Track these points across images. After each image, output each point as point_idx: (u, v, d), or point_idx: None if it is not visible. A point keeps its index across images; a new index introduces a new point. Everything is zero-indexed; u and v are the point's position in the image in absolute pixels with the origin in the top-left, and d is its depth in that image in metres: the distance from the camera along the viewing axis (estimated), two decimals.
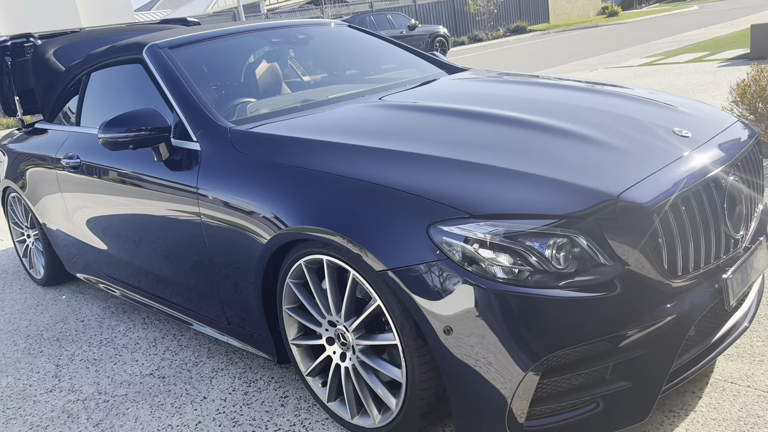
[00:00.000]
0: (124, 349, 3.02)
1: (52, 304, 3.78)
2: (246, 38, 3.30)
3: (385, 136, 2.11)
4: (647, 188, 1.74)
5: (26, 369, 2.97)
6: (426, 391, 1.82)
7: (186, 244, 2.50)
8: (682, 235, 1.76)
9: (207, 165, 2.35)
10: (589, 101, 2.37)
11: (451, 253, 1.65)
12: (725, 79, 8.04)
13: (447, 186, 1.76)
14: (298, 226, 1.96)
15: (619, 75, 9.90)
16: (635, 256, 1.67)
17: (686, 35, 15.60)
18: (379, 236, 1.76)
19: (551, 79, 2.91)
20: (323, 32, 3.58)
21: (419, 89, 2.82)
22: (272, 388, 2.47)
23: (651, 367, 1.71)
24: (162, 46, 2.90)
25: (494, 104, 2.36)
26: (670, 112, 2.27)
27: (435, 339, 1.70)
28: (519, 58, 16.50)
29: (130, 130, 2.44)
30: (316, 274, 2.06)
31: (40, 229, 3.87)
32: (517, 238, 1.64)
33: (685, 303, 1.74)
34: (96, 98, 3.37)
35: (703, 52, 11.46)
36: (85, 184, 3.11)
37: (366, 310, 1.89)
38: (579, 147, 1.93)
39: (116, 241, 3.06)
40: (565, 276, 1.63)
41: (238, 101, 2.98)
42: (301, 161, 2.07)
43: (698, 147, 1.96)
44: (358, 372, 2.01)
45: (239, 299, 2.35)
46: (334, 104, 2.65)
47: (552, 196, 1.71)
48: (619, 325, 1.65)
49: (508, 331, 1.62)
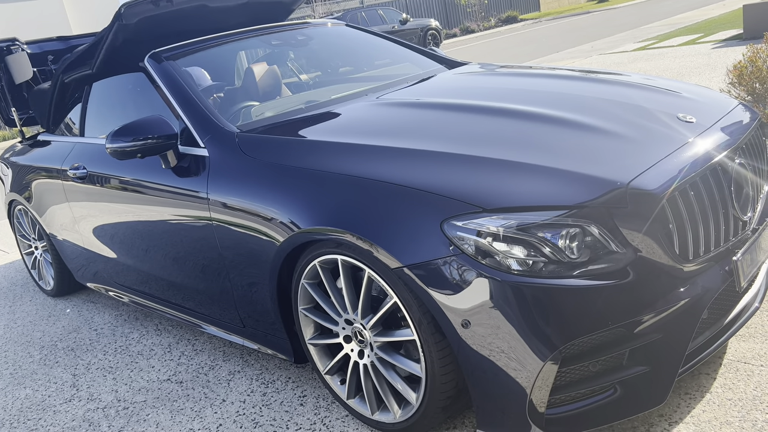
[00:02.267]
0: (140, 356, 3.05)
1: (64, 315, 3.80)
2: (246, 42, 3.31)
3: (392, 134, 2.14)
4: (656, 175, 1.76)
5: (43, 380, 2.99)
6: (446, 384, 1.85)
7: (198, 248, 2.52)
8: (692, 220, 1.79)
9: (216, 170, 2.37)
10: (592, 91, 2.39)
11: (466, 248, 1.68)
12: (720, 60, 8.06)
13: (458, 181, 1.78)
14: (311, 227, 1.98)
15: (613, 61, 9.92)
16: (647, 243, 1.70)
17: (678, 18, 15.59)
18: (392, 234, 1.79)
19: (552, 70, 2.93)
20: (322, 32, 3.59)
21: (422, 85, 2.84)
22: (290, 388, 2.50)
23: (667, 350, 1.74)
24: (163, 53, 2.91)
25: (498, 97, 2.38)
26: (673, 98, 2.29)
27: (453, 333, 1.73)
28: (512, 48, 16.50)
29: (138, 139, 2.46)
30: (330, 274, 2.08)
31: (48, 241, 3.89)
32: (530, 230, 1.66)
33: (698, 286, 1.77)
34: (99, 108, 3.38)
35: (696, 34, 11.47)
36: (93, 194, 3.13)
37: (382, 308, 1.91)
38: (586, 137, 1.95)
39: (127, 248, 3.08)
40: (578, 265, 1.66)
41: (241, 105, 3.01)
42: (311, 163, 2.09)
43: (703, 132, 1.99)
44: (376, 368, 2.03)
45: (254, 301, 2.38)
46: (338, 104, 2.67)
47: (562, 186, 1.73)
48: (635, 311, 1.68)
49: (525, 322, 1.64)
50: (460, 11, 28.65)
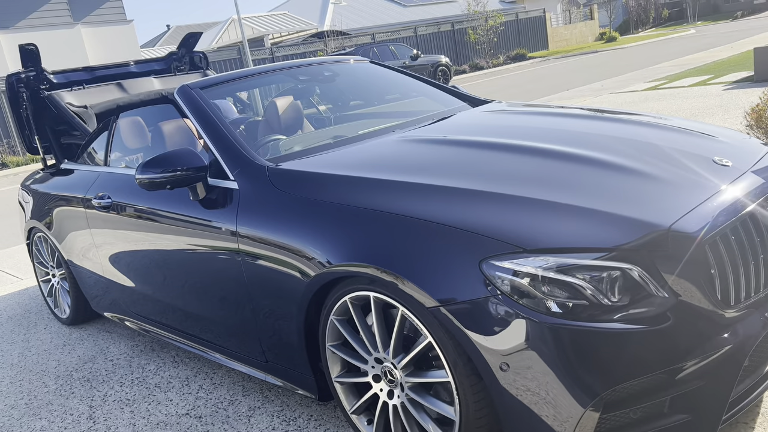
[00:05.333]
0: (157, 389, 3.01)
1: (79, 344, 3.77)
2: (274, 77, 3.35)
3: (426, 171, 2.13)
4: (696, 218, 1.75)
5: (59, 411, 2.95)
6: (480, 429, 1.80)
7: (224, 282, 2.51)
8: (734, 264, 1.77)
9: (246, 203, 2.37)
10: (626, 132, 2.39)
11: (505, 288, 1.66)
12: (732, 102, 8.11)
13: (497, 220, 1.77)
14: (344, 263, 1.97)
15: (624, 100, 9.99)
16: (688, 287, 1.68)
17: (687, 59, 15.77)
18: (428, 272, 1.77)
19: (582, 110, 2.94)
20: (348, 69, 3.63)
21: (450, 123, 2.85)
22: (312, 426, 2.45)
23: (709, 398, 1.70)
24: (193, 86, 2.95)
25: (531, 137, 2.38)
26: (708, 141, 2.29)
27: (491, 376, 1.70)
28: (521, 86, 16.68)
29: (167, 171, 2.47)
30: (361, 311, 2.06)
31: (67, 269, 3.88)
32: (570, 272, 1.64)
33: (739, 332, 1.74)
34: (126, 139, 3.41)
35: (706, 75, 11.57)
36: (117, 224, 3.13)
37: (416, 347, 1.88)
38: (624, 178, 1.94)
39: (147, 279, 3.07)
40: (619, 309, 1.63)
41: (267, 139, 3.03)
42: (345, 198, 2.09)
43: (740, 176, 1.98)
44: (407, 409, 1.99)
45: (279, 337, 2.35)
46: (367, 140, 2.68)
47: (603, 228, 1.72)
48: (677, 357, 1.64)
49: (565, 366, 1.61)
50: (470, 48, 29.07)
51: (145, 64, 4.61)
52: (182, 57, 4.79)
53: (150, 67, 4.62)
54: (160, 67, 4.67)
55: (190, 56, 4.82)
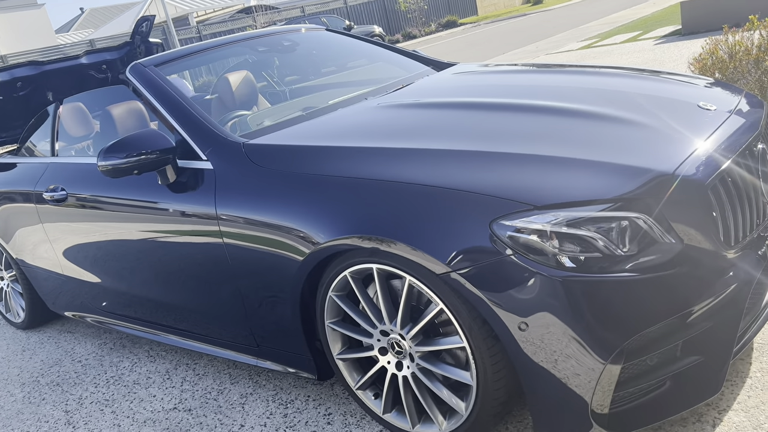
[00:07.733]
0: (136, 386, 2.86)
1: (40, 348, 3.54)
2: (229, 50, 3.17)
3: (417, 136, 2.06)
4: (696, 163, 1.76)
5: (32, 419, 2.77)
6: (498, 391, 1.79)
7: (204, 268, 2.38)
8: (732, 206, 1.80)
9: (224, 184, 2.24)
10: (609, 84, 2.38)
11: (517, 247, 1.63)
12: (665, 55, 8.36)
13: (502, 180, 1.73)
14: (341, 236, 1.89)
15: (562, 60, 10.15)
16: (693, 232, 1.69)
17: (613, 17, 16.15)
18: (437, 239, 1.72)
19: (554, 66, 2.91)
20: (306, 38, 3.49)
21: (424, 86, 2.77)
22: (312, 407, 2.39)
23: (718, 338, 1.73)
24: (147, 63, 2.76)
25: (514, 95, 2.34)
26: (687, 88, 2.31)
27: (509, 337, 1.67)
28: (458, 52, 16.71)
29: (131, 155, 2.30)
30: (362, 284, 1.99)
31: (18, 269, 3.63)
32: (580, 225, 1.62)
33: (741, 271, 1.78)
34: (73, 126, 3.18)
35: (635, 31, 11.88)
36: (74, 216, 2.92)
37: (426, 316, 1.84)
38: (619, 129, 1.93)
39: (114, 272, 2.89)
40: (630, 258, 1.63)
41: (231, 115, 2.88)
42: (335, 169, 2.00)
43: (727, 119, 2.01)
44: (418, 379, 1.95)
45: (271, 320, 2.26)
46: (341, 109, 2.58)
47: (607, 179, 1.71)
48: (689, 301, 1.66)
49: (584, 321, 1.60)
50: (401, 17, 28.88)
51: (97, 54, 4.30)
52: (138, 46, 4.50)
53: (102, 57, 4.31)
54: (113, 58, 4.37)
55: (146, 45, 4.53)
